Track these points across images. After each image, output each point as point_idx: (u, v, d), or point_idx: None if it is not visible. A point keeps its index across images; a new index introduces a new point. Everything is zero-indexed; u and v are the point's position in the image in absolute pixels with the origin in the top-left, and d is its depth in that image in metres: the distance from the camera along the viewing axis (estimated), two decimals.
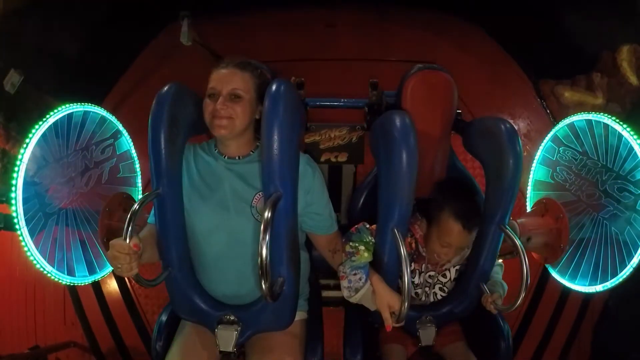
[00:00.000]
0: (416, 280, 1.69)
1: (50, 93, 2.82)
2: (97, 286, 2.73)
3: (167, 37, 3.66)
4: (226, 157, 1.52)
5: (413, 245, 1.65)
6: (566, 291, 2.63)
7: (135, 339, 2.75)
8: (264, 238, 1.21)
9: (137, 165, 2.20)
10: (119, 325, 2.76)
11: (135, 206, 1.30)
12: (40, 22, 2.91)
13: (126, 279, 2.84)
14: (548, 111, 3.30)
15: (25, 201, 1.69)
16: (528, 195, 2.20)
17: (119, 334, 2.76)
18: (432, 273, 1.69)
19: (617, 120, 1.79)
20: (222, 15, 3.67)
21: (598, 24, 2.91)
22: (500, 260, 1.77)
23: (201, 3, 3.26)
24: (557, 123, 2.08)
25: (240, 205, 1.46)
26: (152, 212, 1.50)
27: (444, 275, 1.70)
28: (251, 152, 1.53)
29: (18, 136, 2.49)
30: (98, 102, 2.08)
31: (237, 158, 1.51)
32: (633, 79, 2.85)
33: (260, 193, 1.46)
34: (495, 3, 3.36)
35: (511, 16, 3.34)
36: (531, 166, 2.19)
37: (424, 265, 1.67)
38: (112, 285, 2.85)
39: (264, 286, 1.24)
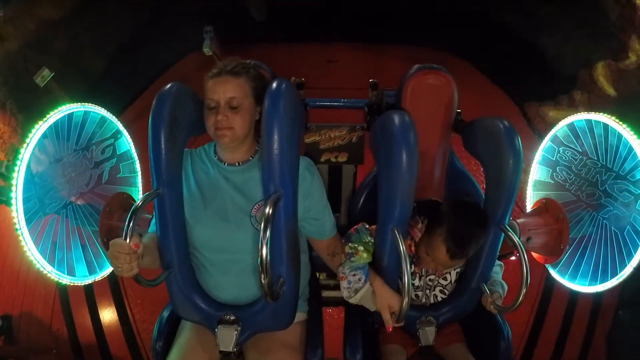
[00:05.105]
0: (416, 282, 1.69)
1: (74, 99, 2.90)
2: (90, 294, 2.71)
3: (188, 63, 3.97)
4: (225, 164, 1.50)
5: (412, 248, 1.64)
6: (574, 298, 2.63)
7: (123, 351, 2.72)
8: (264, 236, 1.21)
9: (137, 165, 2.20)
10: (107, 336, 2.73)
11: (136, 205, 1.30)
12: (71, 34, 3.14)
13: (121, 287, 2.82)
14: (535, 131, 3.53)
15: (25, 201, 1.69)
16: (528, 195, 2.20)
17: (107, 344, 2.73)
18: (432, 276, 1.68)
19: (617, 120, 1.79)
20: (235, 47, 3.90)
21: (573, 46, 3.25)
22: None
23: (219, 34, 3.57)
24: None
25: (239, 215, 1.46)
26: (153, 221, 1.50)
27: (445, 278, 1.70)
28: (250, 158, 1.51)
29: None
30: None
31: (236, 164, 1.50)
32: (610, 91, 3.10)
33: (259, 203, 1.45)
34: (480, 39, 3.83)
35: (495, 48, 3.77)
36: (529, 171, 2.19)
37: (424, 269, 1.67)
38: (106, 293, 2.83)
39: (263, 283, 1.24)
